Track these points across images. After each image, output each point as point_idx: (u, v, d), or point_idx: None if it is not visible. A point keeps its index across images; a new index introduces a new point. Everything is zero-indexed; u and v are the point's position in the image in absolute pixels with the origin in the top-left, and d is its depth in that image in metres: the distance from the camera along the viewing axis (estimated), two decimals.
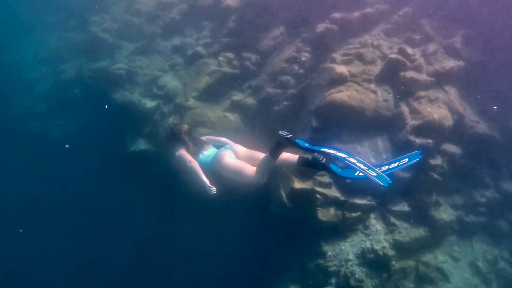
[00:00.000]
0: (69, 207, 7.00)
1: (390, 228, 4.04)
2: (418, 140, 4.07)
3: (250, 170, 3.45)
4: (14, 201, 7.00)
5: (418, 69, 4.59)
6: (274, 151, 3.26)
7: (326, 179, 4.14)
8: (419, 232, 4.07)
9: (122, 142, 5.99)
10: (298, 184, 4.14)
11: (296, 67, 5.26)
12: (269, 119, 5.28)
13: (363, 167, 2.96)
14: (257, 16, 5.68)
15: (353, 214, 4.01)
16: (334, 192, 4.06)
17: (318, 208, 4.00)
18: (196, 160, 3.79)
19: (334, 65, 4.64)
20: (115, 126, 6.24)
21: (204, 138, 4.25)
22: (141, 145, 5.68)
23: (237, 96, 5.42)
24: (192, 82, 5.76)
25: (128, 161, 5.93)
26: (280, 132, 3.20)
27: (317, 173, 4.10)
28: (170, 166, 5.08)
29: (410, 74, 4.47)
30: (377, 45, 5.04)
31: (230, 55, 5.67)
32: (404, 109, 4.34)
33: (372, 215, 4.14)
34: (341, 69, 4.53)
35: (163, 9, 6.77)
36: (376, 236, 3.98)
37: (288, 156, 3.49)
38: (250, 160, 3.70)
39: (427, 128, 4.09)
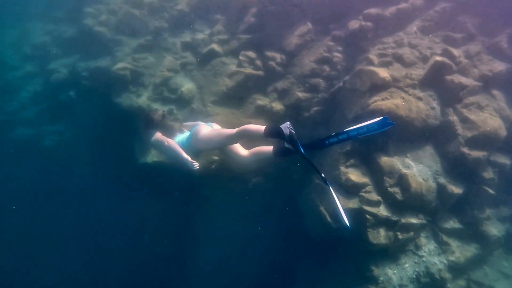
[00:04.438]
0: (68, 223, 6.59)
1: (444, 248, 3.96)
2: (473, 153, 3.97)
3: (228, 130, 3.68)
4: (4, 218, 6.51)
5: (464, 72, 4.47)
6: (270, 134, 3.34)
7: (374, 196, 3.99)
8: (471, 250, 4.02)
9: (129, 153, 5.60)
10: (344, 204, 3.97)
11: (327, 68, 5.02)
12: (298, 126, 5.05)
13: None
14: (281, 11, 5.35)
15: (405, 235, 3.88)
16: (384, 211, 3.92)
17: (368, 230, 3.86)
18: None
19: (373, 68, 4.43)
20: (119, 134, 5.84)
21: (183, 124, 4.46)
22: (154, 156, 5.31)
23: (262, 101, 5.15)
24: (209, 84, 5.42)
25: (137, 174, 5.57)
26: (288, 123, 3.32)
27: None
28: (188, 178, 4.83)
29: (457, 78, 4.33)
30: (414, 44, 4.88)
31: (251, 54, 5.36)
32: (453, 117, 4.22)
33: (422, 234, 4.04)
34: (384, 73, 4.33)
35: (169, 0, 6.30)
36: (430, 257, 3.89)
37: (263, 148, 3.74)
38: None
39: (482, 140, 4.00)
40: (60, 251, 6.69)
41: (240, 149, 3.94)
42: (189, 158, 3.57)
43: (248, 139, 3.83)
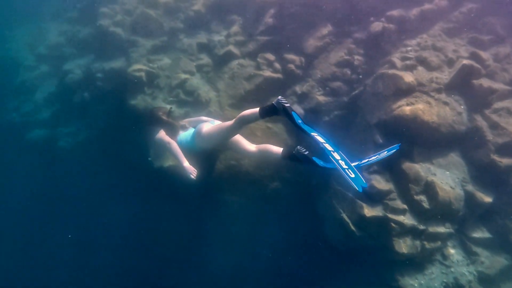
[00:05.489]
0: (80, 225, 6.62)
1: (472, 258, 3.87)
2: (504, 161, 3.87)
3: (227, 122, 3.65)
4: (18, 222, 6.55)
5: (493, 76, 4.37)
6: (265, 113, 3.32)
7: (399, 204, 3.92)
8: (501, 260, 3.93)
9: (143, 156, 5.58)
10: (368, 212, 3.91)
11: (348, 71, 4.95)
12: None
13: (344, 166, 3.08)
14: (300, 12, 5.29)
15: (432, 244, 3.81)
16: (410, 220, 3.85)
17: (394, 239, 3.79)
18: (176, 141, 3.92)
19: (397, 72, 4.35)
20: (134, 137, 5.82)
21: (185, 120, 4.43)
22: (169, 160, 5.30)
23: None
24: (226, 87, 5.39)
25: (152, 178, 5.56)
26: (280, 97, 3.28)
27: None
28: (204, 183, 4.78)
29: (486, 82, 4.23)
30: (439, 47, 4.78)
31: (270, 56, 5.32)
32: (482, 123, 4.13)
33: (449, 243, 3.96)
34: (410, 78, 4.25)
35: (184, 0, 6.28)
36: (458, 268, 3.81)
37: (272, 147, 3.72)
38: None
39: None
40: (72, 252, 6.73)
41: (248, 144, 3.93)
42: (187, 167, 3.55)
43: (248, 124, 3.82)
